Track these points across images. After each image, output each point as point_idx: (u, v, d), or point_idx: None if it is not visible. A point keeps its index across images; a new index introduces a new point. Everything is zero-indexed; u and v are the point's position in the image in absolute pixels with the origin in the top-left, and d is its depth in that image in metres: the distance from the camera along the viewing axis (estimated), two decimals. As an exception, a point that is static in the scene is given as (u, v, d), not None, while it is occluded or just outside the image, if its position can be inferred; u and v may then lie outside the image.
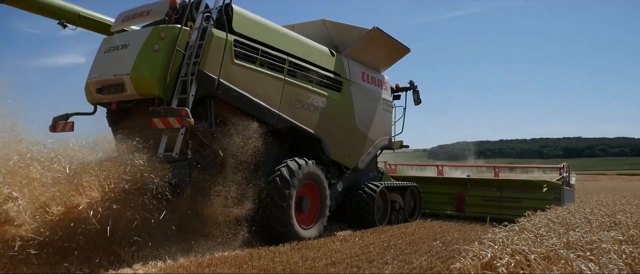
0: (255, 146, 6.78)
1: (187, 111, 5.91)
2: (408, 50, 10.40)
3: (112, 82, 6.58)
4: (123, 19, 7.18)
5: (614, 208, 9.09)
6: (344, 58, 9.25)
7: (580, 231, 5.30)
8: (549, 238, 4.83)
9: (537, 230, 5.61)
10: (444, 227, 9.68)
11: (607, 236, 4.99)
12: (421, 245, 7.15)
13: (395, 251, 6.55)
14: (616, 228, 5.93)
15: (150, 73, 6.27)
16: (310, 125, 8.11)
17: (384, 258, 6.06)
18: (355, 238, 7.70)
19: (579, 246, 4.45)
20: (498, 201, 11.08)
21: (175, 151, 6.05)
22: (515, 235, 5.10)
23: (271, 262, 5.64)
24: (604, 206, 9.35)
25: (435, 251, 6.68)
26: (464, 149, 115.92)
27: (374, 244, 7.14)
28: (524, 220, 6.98)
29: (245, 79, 6.90)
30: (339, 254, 6.19)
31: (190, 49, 6.44)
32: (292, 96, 7.72)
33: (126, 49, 6.55)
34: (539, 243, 4.55)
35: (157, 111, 6.08)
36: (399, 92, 11.48)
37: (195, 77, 6.27)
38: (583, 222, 6.50)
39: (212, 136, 6.67)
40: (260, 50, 7.17)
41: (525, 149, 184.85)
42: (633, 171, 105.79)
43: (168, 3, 6.69)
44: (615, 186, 33.63)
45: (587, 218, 6.92)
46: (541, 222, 6.50)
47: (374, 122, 10.04)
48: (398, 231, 8.75)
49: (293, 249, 6.48)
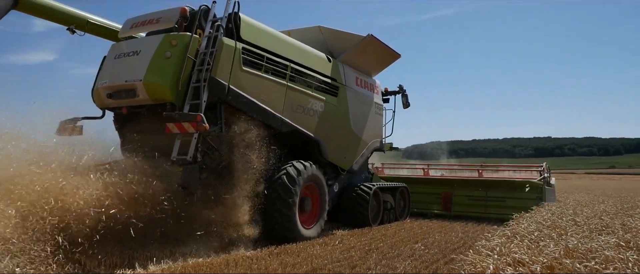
0: (259, 149, 7.06)
1: (202, 116, 6.16)
2: (399, 55, 10.83)
3: (123, 87, 6.76)
4: (131, 26, 7.36)
5: (594, 208, 9.41)
6: (340, 64, 9.61)
7: (576, 237, 5.30)
8: (547, 245, 4.79)
9: (529, 235, 5.59)
10: (424, 228, 9.76)
11: (604, 241, 5.00)
12: (403, 248, 7.09)
13: (378, 255, 6.44)
14: (608, 231, 5.98)
15: (163, 79, 6.49)
16: (310, 128, 8.44)
17: (366, 263, 5.94)
18: (335, 241, 7.57)
19: (580, 253, 4.37)
20: (483, 200, 11.63)
21: (189, 155, 6.28)
22: (510, 242, 5.07)
23: (248, 269, 5.48)
24: (585, 207, 9.68)
25: (418, 254, 6.65)
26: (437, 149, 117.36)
27: (355, 247, 7.05)
28: (513, 223, 7.16)
29: (252, 85, 7.18)
30: (319, 260, 6.04)
31: (200, 56, 6.69)
32: (294, 100, 8.04)
33: (138, 56, 6.74)
34: (537, 250, 4.50)
35: (171, 116, 6.31)
36: (388, 95, 11.92)
37: (207, 84, 6.52)
38: (572, 225, 6.60)
39: (220, 139, 6.93)
40: (266, 58, 7.47)
41: (497, 149, 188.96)
42: (600, 170, 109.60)
43: (179, 11, 6.91)
44: (585, 184, 35.02)
45: (574, 221, 7.06)
46: (531, 226, 6.50)
47: (367, 125, 10.44)
48: (378, 233, 8.74)
49: (271, 255, 6.33)
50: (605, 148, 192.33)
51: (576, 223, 6.83)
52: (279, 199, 7.28)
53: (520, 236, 5.58)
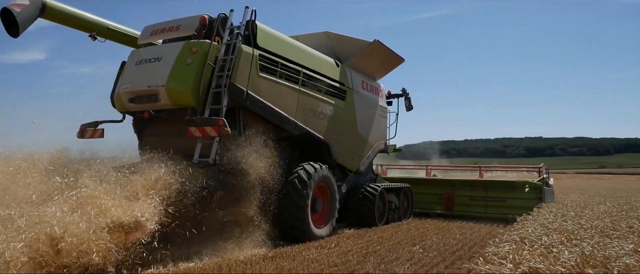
0: (272, 152, 7.36)
1: (224, 121, 6.45)
2: (402, 60, 11.17)
3: (145, 92, 7.04)
4: (151, 33, 7.63)
5: (594, 209, 9.42)
6: (347, 68, 9.93)
7: (588, 242, 5.18)
8: (561, 252, 4.63)
9: (539, 240, 5.48)
10: (420, 230, 9.70)
11: (619, 246, 4.91)
12: (401, 251, 6.99)
13: (376, 259, 6.33)
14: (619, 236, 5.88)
15: (184, 85, 6.77)
16: (321, 131, 8.75)
17: (364, 267, 5.84)
18: (332, 244, 7.47)
19: (598, 261, 4.23)
20: (484, 200, 12.00)
21: (211, 157, 6.57)
22: (520, 248, 4.96)
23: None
24: (585, 208, 9.72)
25: (417, 258, 6.52)
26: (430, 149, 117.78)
27: (351, 251, 6.95)
28: (518, 226, 7.18)
29: (268, 90, 7.48)
30: (316, 264, 5.93)
31: (219, 63, 6.98)
32: (306, 104, 8.34)
33: (159, 62, 7.02)
34: (553, 258, 4.37)
35: (194, 121, 6.60)
36: (391, 98, 12.26)
37: (227, 89, 6.81)
38: (578, 228, 6.52)
39: (237, 142, 7.22)
40: (280, 63, 7.77)
41: (489, 149, 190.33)
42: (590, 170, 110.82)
43: (198, 19, 7.20)
44: (577, 184, 35.56)
45: (580, 224, 7.01)
46: (537, 230, 6.40)
47: (373, 128, 10.78)
48: (375, 235, 8.67)
49: (266, 259, 6.19)
50: (596, 148, 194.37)
51: (582, 226, 6.81)
52: (292, 200, 7.57)
53: (529, 241, 5.51)
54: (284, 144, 8.21)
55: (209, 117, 6.66)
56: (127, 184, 5.67)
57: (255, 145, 7.17)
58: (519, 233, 6.30)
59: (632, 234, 6.05)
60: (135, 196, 5.51)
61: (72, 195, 5.19)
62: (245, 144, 7.21)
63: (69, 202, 5.07)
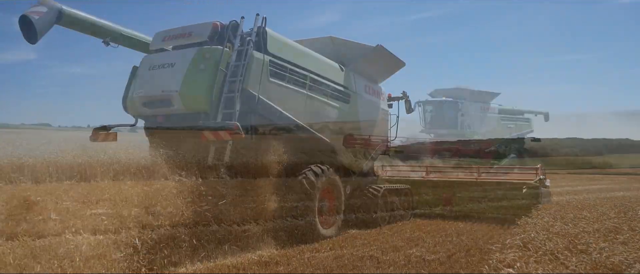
0: (280, 154, 7.59)
1: (238, 125, 6.67)
2: (403, 64, 11.42)
3: (159, 97, 7.24)
4: (163, 39, 7.83)
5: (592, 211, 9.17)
6: (351, 72, 10.17)
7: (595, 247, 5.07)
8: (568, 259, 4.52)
9: (543, 246, 5.36)
10: (415, 232, 9.33)
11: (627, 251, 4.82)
12: (397, 255, 6.77)
13: (372, 263, 6.23)
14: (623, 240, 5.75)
15: (198, 90, 6.99)
16: (326, 134, 8.98)
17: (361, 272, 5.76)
18: (327, 248, 7.37)
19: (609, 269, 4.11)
20: (483, 201, 12.23)
21: (225, 160, 6.78)
22: (527, 256, 4.86)
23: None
24: (583, 210, 9.49)
25: (414, 262, 6.36)
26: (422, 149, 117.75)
27: (346, 255, 6.81)
28: (520, 230, 7.03)
29: (278, 94, 7.70)
30: (311, 270, 5.84)
31: (231, 68, 7.18)
32: (313, 108, 8.58)
33: (172, 68, 7.22)
34: (562, 266, 4.27)
35: (208, 125, 6.81)
36: (392, 101, 12.49)
37: (240, 94, 7.02)
38: (580, 231, 6.37)
39: (247, 145, 7.43)
40: (289, 69, 7.99)
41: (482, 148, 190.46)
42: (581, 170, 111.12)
43: (211, 26, 7.41)
44: (569, 184, 35.51)
45: (583, 228, 6.80)
46: (540, 234, 6.21)
47: (375, 130, 11.02)
48: (370, 237, 8.51)
49: (260, 264, 6.09)
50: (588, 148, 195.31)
51: (584, 229, 6.71)
52: (300, 202, 7.78)
53: (533, 246, 5.44)
54: (292, 147, 8.42)
55: (223, 121, 6.86)
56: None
57: (264, 148, 7.41)
58: (521, 237, 6.22)
59: (636, 236, 5.97)
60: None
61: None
62: (254, 146, 7.45)
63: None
